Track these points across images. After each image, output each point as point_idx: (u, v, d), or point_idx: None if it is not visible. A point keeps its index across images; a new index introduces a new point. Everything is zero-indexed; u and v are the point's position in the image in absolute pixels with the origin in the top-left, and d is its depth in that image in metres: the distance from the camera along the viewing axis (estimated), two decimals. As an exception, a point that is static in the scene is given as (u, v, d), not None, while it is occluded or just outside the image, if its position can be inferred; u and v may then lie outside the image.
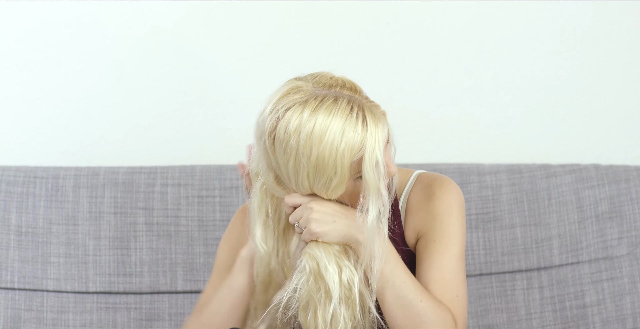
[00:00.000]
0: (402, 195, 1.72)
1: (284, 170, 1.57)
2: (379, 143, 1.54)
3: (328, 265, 1.59)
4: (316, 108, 1.53)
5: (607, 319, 2.30)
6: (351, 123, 1.53)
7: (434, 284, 1.63)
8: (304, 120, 1.53)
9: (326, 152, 1.52)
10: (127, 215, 2.29)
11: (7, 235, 2.27)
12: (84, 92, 2.48)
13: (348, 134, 1.52)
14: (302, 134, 1.53)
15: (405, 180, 1.73)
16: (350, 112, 1.53)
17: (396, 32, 2.51)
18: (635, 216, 2.34)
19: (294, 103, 1.55)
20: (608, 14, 2.54)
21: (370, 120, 1.54)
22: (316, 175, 1.55)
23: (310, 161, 1.53)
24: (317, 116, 1.53)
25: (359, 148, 1.53)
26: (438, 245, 1.65)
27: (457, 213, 1.67)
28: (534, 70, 2.55)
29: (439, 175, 1.71)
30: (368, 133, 1.53)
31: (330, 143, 1.52)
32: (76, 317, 2.26)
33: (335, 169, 1.54)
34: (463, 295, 1.64)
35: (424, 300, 1.60)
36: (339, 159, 1.53)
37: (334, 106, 1.53)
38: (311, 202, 1.59)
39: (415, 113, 2.54)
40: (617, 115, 2.57)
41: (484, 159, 2.54)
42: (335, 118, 1.53)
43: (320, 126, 1.52)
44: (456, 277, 1.64)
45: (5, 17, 2.45)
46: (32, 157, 2.48)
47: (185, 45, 2.49)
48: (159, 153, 2.50)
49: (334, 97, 1.54)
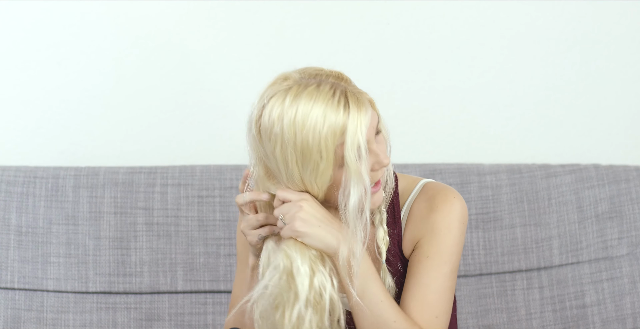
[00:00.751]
0: (406, 203, 1.71)
1: (272, 160, 1.57)
2: (360, 126, 1.53)
3: (301, 266, 1.58)
4: (298, 94, 1.54)
5: (607, 319, 2.30)
6: (332, 107, 1.52)
7: (415, 302, 1.62)
8: (286, 106, 1.53)
9: (309, 137, 1.52)
10: (127, 215, 2.29)
11: (7, 235, 2.27)
12: (84, 92, 2.48)
13: (330, 118, 1.52)
14: (285, 120, 1.53)
15: (411, 188, 1.72)
16: (332, 96, 1.53)
17: (396, 32, 2.51)
18: (635, 216, 2.34)
19: (277, 91, 1.55)
20: (608, 14, 2.54)
21: (353, 103, 1.53)
22: (304, 161, 1.54)
23: (296, 147, 1.53)
24: (299, 101, 1.53)
25: (341, 131, 1.52)
26: (430, 261, 1.64)
27: (456, 230, 1.65)
28: (534, 70, 2.55)
29: (445, 187, 1.69)
30: (350, 117, 1.52)
31: (312, 128, 1.52)
32: (76, 317, 2.26)
33: (320, 153, 1.53)
34: (443, 316, 1.63)
35: (398, 321, 1.59)
36: (323, 143, 1.52)
37: (316, 91, 1.53)
38: (303, 201, 1.58)
39: (415, 113, 2.54)
40: (617, 115, 2.57)
41: (484, 159, 2.54)
42: (317, 103, 1.53)
43: (302, 111, 1.52)
44: (440, 297, 1.62)
45: (5, 17, 2.45)
46: (32, 157, 2.48)
47: (185, 46, 2.49)
48: (159, 153, 2.50)
49: (317, 83, 1.55)
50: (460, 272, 2.30)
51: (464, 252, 2.30)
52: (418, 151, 2.54)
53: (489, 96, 2.55)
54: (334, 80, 1.56)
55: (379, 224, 1.69)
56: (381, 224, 1.69)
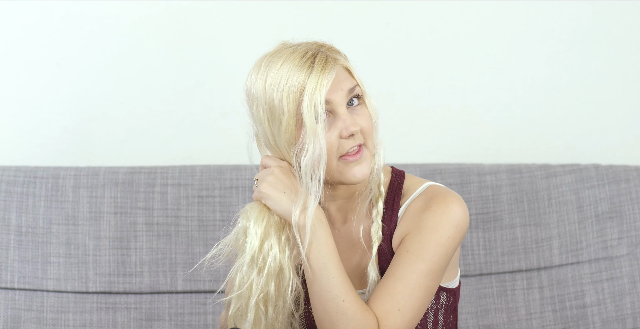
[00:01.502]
0: (407, 202, 1.71)
1: (256, 123, 1.63)
2: (320, 85, 1.57)
3: (253, 227, 1.62)
4: (274, 57, 1.60)
5: (607, 319, 2.30)
6: (298, 66, 1.58)
7: (381, 291, 1.62)
8: (263, 67, 1.61)
9: (274, 94, 1.58)
10: (127, 215, 2.29)
11: (7, 235, 2.27)
12: (84, 92, 2.48)
13: (293, 76, 1.57)
14: (259, 80, 1.60)
15: (414, 189, 1.71)
16: (302, 56, 1.59)
17: (396, 32, 2.51)
18: (635, 216, 2.34)
19: (263, 56, 1.63)
20: (608, 14, 2.54)
21: (318, 64, 1.58)
22: (272, 117, 1.59)
23: (266, 105, 1.59)
24: (273, 62, 1.60)
25: (301, 90, 1.57)
26: (409, 256, 1.63)
27: (446, 231, 1.63)
28: (534, 70, 2.55)
29: (448, 191, 1.68)
30: (311, 75, 1.57)
31: (277, 85, 1.58)
32: (76, 317, 2.26)
33: (282, 110, 1.58)
34: (408, 311, 1.60)
35: (347, 301, 1.59)
36: (284, 99, 1.57)
37: (290, 54, 1.60)
38: (277, 167, 1.63)
39: (415, 113, 2.54)
40: (617, 115, 2.57)
41: (484, 159, 2.54)
42: (286, 63, 1.59)
43: (273, 71, 1.59)
44: (409, 292, 1.61)
45: (5, 17, 2.45)
46: (32, 157, 2.48)
47: (185, 45, 2.49)
48: (159, 153, 2.50)
49: (296, 47, 1.61)
50: (460, 272, 2.30)
51: (463, 252, 2.30)
52: (418, 151, 2.54)
53: (489, 96, 2.55)
54: (315, 46, 1.62)
55: (375, 218, 1.69)
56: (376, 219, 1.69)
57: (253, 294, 1.62)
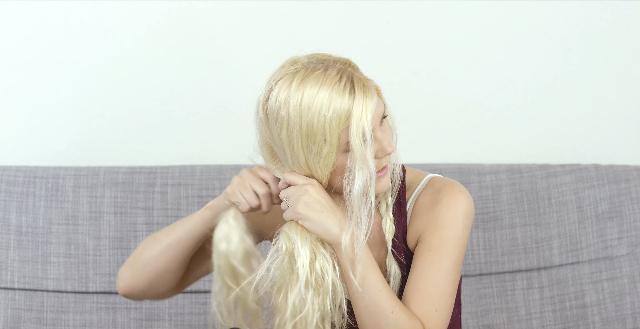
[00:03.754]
0: (412, 196, 1.72)
1: (277, 142, 1.59)
2: (366, 111, 1.55)
3: (301, 248, 1.60)
4: (305, 78, 1.56)
5: (607, 319, 2.30)
6: (339, 91, 1.54)
7: (415, 295, 1.63)
8: (293, 89, 1.56)
9: (315, 120, 1.54)
10: (127, 215, 2.29)
11: (7, 235, 2.27)
12: (84, 92, 2.48)
13: (335, 102, 1.54)
14: (292, 103, 1.55)
15: (417, 181, 1.73)
16: (338, 80, 1.55)
17: (396, 32, 2.52)
18: (635, 216, 2.34)
19: (285, 74, 1.58)
20: (608, 14, 2.54)
21: (359, 89, 1.56)
22: (308, 144, 1.56)
23: (302, 130, 1.55)
24: (305, 85, 1.55)
25: (346, 116, 1.54)
26: (432, 255, 1.64)
27: (460, 224, 1.66)
28: (534, 70, 2.55)
29: (451, 182, 1.70)
30: (355, 101, 1.55)
31: (318, 111, 1.54)
32: (76, 317, 2.26)
33: (324, 137, 1.55)
34: (444, 309, 1.63)
35: (396, 312, 1.60)
36: (328, 126, 1.54)
37: (322, 75, 1.56)
38: (309, 185, 1.60)
39: (415, 113, 2.54)
40: (617, 115, 2.57)
41: (484, 159, 2.54)
42: (323, 87, 1.55)
43: (308, 95, 1.55)
44: (441, 291, 1.63)
45: (5, 17, 2.45)
46: (32, 157, 2.48)
47: (185, 45, 2.49)
48: (159, 153, 2.50)
49: (324, 67, 1.57)
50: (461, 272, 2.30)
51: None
52: (418, 151, 2.54)
53: (489, 96, 2.55)
54: (342, 65, 1.59)
55: (385, 213, 1.70)
56: (387, 213, 1.70)
57: (312, 316, 1.61)
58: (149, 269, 1.71)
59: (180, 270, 1.73)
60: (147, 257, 1.72)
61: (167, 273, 1.72)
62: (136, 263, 1.73)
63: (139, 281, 1.73)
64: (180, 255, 1.71)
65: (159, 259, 1.71)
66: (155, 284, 1.73)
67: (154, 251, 1.71)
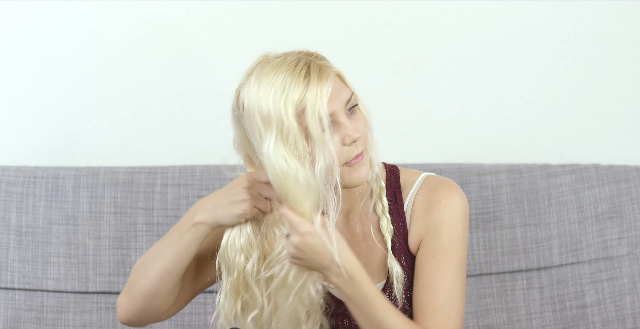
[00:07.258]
0: (408, 196, 1.71)
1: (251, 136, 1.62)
2: (321, 94, 1.55)
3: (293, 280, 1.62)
4: (264, 68, 1.59)
5: (607, 319, 2.30)
6: (293, 75, 1.56)
7: (426, 306, 1.64)
8: (253, 79, 1.59)
9: (270, 106, 1.56)
10: (127, 215, 2.29)
11: (7, 235, 2.27)
12: (84, 92, 2.48)
13: (290, 86, 1.55)
14: (252, 93, 1.58)
15: (412, 181, 1.72)
16: (294, 67, 1.57)
17: (396, 32, 2.51)
18: (635, 216, 2.34)
19: (249, 69, 1.62)
20: (608, 14, 2.54)
21: (314, 73, 1.56)
22: (268, 130, 1.57)
23: (262, 117, 1.56)
24: (263, 73, 1.58)
25: (300, 99, 1.55)
26: (437, 261, 1.65)
27: (460, 225, 1.67)
28: (534, 70, 2.55)
29: (446, 180, 1.70)
30: (310, 84, 1.56)
31: (272, 98, 1.56)
32: (76, 317, 2.26)
33: (283, 123, 1.55)
34: (455, 314, 1.64)
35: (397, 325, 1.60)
36: (284, 112, 1.55)
37: (280, 63, 1.58)
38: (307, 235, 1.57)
39: (415, 113, 2.54)
40: (617, 115, 2.57)
41: (484, 159, 2.54)
42: (279, 73, 1.57)
43: (265, 82, 1.57)
44: (450, 297, 1.63)
45: (5, 17, 2.45)
46: (32, 157, 2.48)
47: (185, 45, 2.49)
48: (159, 153, 2.50)
49: (283, 56, 1.60)
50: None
51: (464, 252, 2.30)
52: (418, 151, 2.54)
53: (489, 96, 2.55)
54: (303, 55, 1.61)
55: (381, 213, 1.70)
56: (384, 213, 1.69)
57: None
58: (145, 294, 1.69)
59: (176, 287, 1.72)
60: (142, 284, 1.69)
61: (164, 294, 1.70)
62: (132, 291, 1.71)
63: (137, 307, 1.70)
64: (177, 276, 1.69)
65: (154, 283, 1.69)
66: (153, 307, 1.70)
67: (148, 277, 1.69)
